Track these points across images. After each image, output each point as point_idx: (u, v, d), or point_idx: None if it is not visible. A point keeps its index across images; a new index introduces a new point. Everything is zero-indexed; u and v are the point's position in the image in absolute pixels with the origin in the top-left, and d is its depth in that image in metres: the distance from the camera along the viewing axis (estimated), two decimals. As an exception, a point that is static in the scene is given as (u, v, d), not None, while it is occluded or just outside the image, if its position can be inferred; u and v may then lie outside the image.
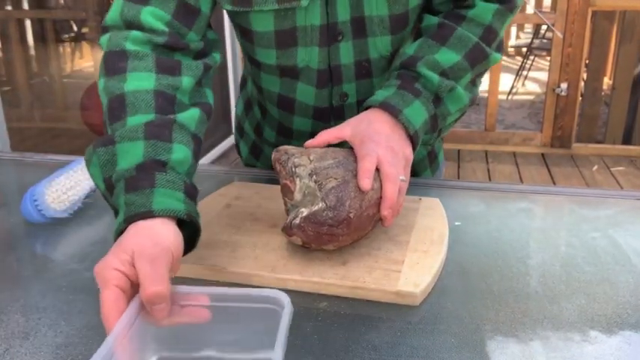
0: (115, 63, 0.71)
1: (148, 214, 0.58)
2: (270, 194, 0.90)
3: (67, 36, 4.37)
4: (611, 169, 3.83)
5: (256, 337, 0.53)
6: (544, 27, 5.55)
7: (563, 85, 3.98)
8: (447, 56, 0.82)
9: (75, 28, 4.39)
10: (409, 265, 0.70)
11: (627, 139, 4.14)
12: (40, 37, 3.92)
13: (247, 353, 0.55)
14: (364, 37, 0.84)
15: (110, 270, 0.53)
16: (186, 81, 0.73)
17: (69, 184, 0.89)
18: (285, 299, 0.53)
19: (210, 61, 0.79)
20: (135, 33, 0.73)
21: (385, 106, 0.78)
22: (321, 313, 0.64)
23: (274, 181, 0.98)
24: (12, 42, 3.61)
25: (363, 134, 0.75)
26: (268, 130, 1.03)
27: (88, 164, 0.66)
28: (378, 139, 0.74)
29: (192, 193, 0.66)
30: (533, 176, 3.74)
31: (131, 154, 0.63)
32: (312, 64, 0.86)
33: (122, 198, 0.60)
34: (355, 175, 0.71)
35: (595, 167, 3.87)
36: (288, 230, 0.71)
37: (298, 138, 0.98)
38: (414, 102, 0.79)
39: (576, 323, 0.62)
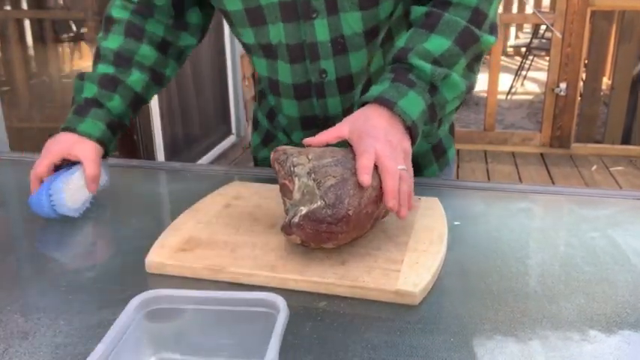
0: (105, 26, 0.99)
1: (69, 130, 0.91)
2: (269, 194, 0.90)
3: (66, 36, 4.37)
4: (610, 169, 3.83)
5: (252, 341, 0.53)
6: (543, 27, 5.56)
7: (563, 85, 3.99)
8: (437, 43, 0.81)
9: (74, 28, 4.38)
10: (408, 265, 0.70)
11: (626, 139, 4.15)
12: (39, 37, 3.92)
13: (243, 357, 0.55)
14: (336, 12, 0.86)
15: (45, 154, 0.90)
16: (144, 48, 0.97)
17: (81, 183, 0.88)
18: (281, 303, 0.53)
19: (178, 39, 1.01)
20: (118, 1, 0.99)
21: (380, 100, 0.78)
22: (321, 312, 0.64)
23: (274, 180, 0.98)
24: (11, 42, 3.61)
25: (361, 130, 0.75)
26: (281, 117, 1.05)
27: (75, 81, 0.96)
28: (376, 134, 0.74)
29: (114, 125, 0.94)
30: (532, 176, 3.74)
31: (88, 90, 0.94)
32: (282, 39, 0.89)
33: (69, 114, 0.93)
34: (354, 173, 0.71)
35: (594, 167, 3.87)
36: (287, 229, 0.71)
37: (289, 122, 1.02)
38: (408, 93, 0.79)
39: (575, 323, 0.62)
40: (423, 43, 0.81)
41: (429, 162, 1.07)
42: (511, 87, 5.74)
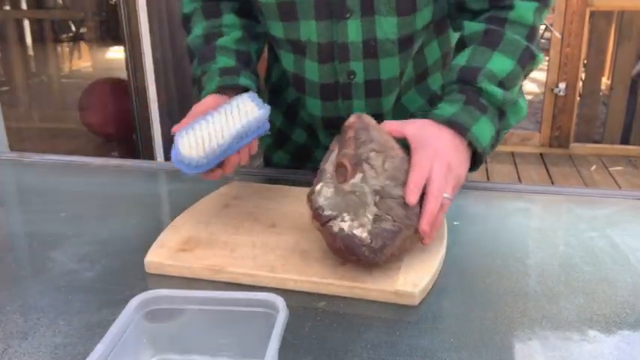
0: (185, 27, 0.99)
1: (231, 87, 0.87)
2: (268, 194, 0.90)
3: (65, 36, 4.37)
4: (610, 168, 3.83)
5: (252, 341, 0.53)
6: (542, 27, 5.55)
7: (562, 85, 3.98)
8: (501, 63, 0.81)
9: (73, 28, 4.38)
10: (408, 265, 0.70)
11: (625, 139, 4.15)
12: (39, 37, 3.92)
13: (242, 357, 0.55)
14: (372, 15, 0.85)
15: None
16: (227, 17, 0.94)
17: (211, 129, 0.75)
18: (281, 303, 0.53)
19: (252, 23, 0.96)
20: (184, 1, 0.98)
21: (453, 124, 0.76)
22: (320, 312, 0.64)
23: (273, 180, 0.98)
24: (10, 42, 3.61)
25: (426, 140, 0.73)
26: (304, 113, 1.04)
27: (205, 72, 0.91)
28: (438, 150, 0.72)
29: (245, 70, 0.90)
30: (531, 176, 3.74)
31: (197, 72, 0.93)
32: (313, 37, 0.88)
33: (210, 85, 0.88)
34: (411, 226, 0.68)
35: (593, 167, 3.87)
36: (314, 205, 0.68)
37: (311, 120, 1.00)
38: (481, 118, 0.78)
39: (575, 323, 0.62)
40: (487, 63, 0.80)
41: None
42: (510, 87, 5.73)
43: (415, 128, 0.75)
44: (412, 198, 0.68)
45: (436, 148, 0.73)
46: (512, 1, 0.84)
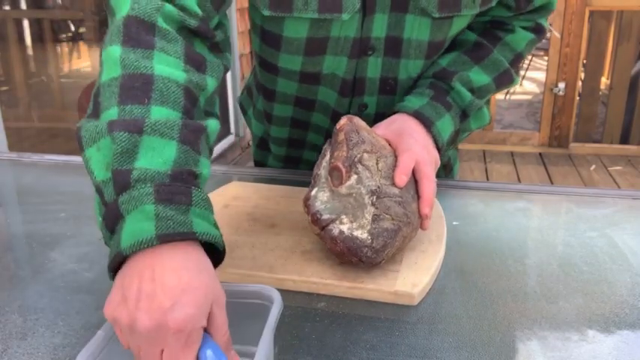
0: (140, 33, 0.59)
1: (189, 236, 0.49)
2: (268, 194, 0.90)
3: (64, 36, 4.37)
4: (609, 168, 3.84)
5: (247, 332, 0.54)
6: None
7: (561, 85, 3.99)
8: (479, 76, 0.85)
9: (72, 28, 4.38)
10: (407, 265, 0.70)
11: (625, 139, 4.15)
12: (38, 37, 3.92)
13: (238, 347, 0.55)
14: (397, 57, 0.84)
15: (199, 329, 0.46)
16: (210, 82, 0.63)
17: None
18: (276, 295, 0.53)
19: (226, 62, 0.70)
20: (169, 7, 0.62)
21: (418, 116, 0.79)
22: (320, 313, 0.64)
23: (273, 180, 0.98)
24: (10, 42, 3.61)
25: (401, 129, 0.76)
26: (276, 129, 1.02)
27: (88, 144, 0.54)
28: (416, 136, 0.75)
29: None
30: (530, 176, 3.75)
31: (159, 153, 0.52)
32: (339, 72, 0.85)
33: (150, 207, 0.49)
34: (408, 223, 0.68)
35: (593, 167, 3.87)
36: (313, 214, 0.68)
37: (315, 131, 0.99)
38: (445, 115, 0.81)
39: (574, 322, 0.62)
40: (466, 71, 0.84)
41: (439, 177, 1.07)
42: (510, 87, 5.73)
43: (386, 124, 0.78)
44: (402, 181, 0.69)
45: (413, 135, 0.75)
46: (514, 26, 0.89)
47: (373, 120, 0.91)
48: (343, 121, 0.71)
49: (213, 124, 0.60)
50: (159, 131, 0.53)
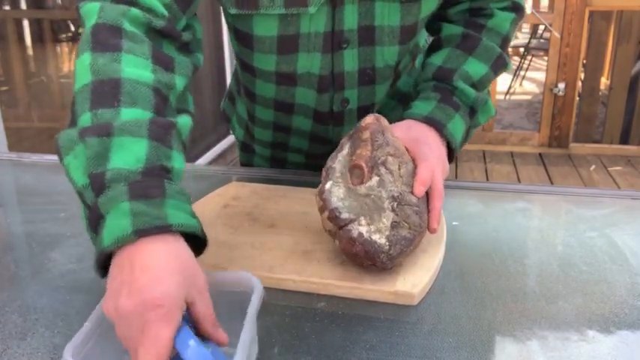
0: (107, 38, 0.61)
1: (165, 229, 0.51)
2: (267, 194, 0.90)
3: (64, 36, 4.37)
4: (609, 168, 3.84)
5: (230, 319, 0.54)
6: (541, 27, 5.56)
7: (561, 85, 3.99)
8: (476, 67, 0.85)
9: (72, 28, 4.38)
10: (407, 265, 0.70)
11: (625, 139, 4.15)
12: (38, 37, 3.92)
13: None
14: (372, 45, 0.84)
15: (177, 309, 0.47)
16: (179, 81, 0.66)
17: None
18: (256, 282, 0.54)
19: (196, 61, 0.73)
20: (134, 11, 0.64)
21: (429, 121, 0.79)
22: (319, 313, 0.64)
23: (272, 181, 0.98)
24: (9, 42, 3.61)
25: (417, 137, 0.76)
26: (259, 131, 1.02)
27: (66, 153, 0.57)
28: (432, 144, 0.76)
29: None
30: (530, 176, 3.74)
31: (130, 152, 0.55)
32: (314, 70, 0.84)
33: (125, 204, 0.52)
34: (421, 233, 0.69)
35: (592, 167, 3.87)
36: (329, 205, 0.66)
37: (298, 135, 0.98)
38: (454, 116, 0.81)
39: (574, 323, 0.62)
40: (462, 65, 0.84)
41: None
42: (510, 87, 5.74)
43: (402, 130, 0.77)
44: (420, 192, 0.69)
45: (428, 142, 0.76)
46: (492, 10, 0.88)
47: (356, 115, 0.92)
48: (370, 119, 0.70)
49: (184, 120, 0.63)
50: (128, 131, 0.55)
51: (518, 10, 0.90)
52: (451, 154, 0.82)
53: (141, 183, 0.53)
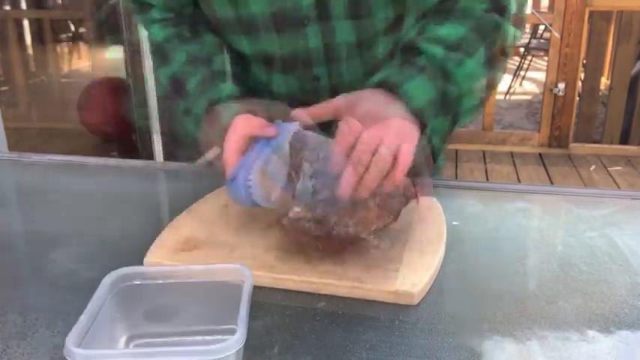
0: (161, 53, 0.92)
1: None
2: (268, 194, 0.90)
3: (64, 36, 4.37)
4: (609, 168, 3.84)
5: (221, 310, 0.56)
6: (542, 27, 5.56)
7: (561, 85, 3.99)
8: (452, 30, 0.76)
9: (72, 28, 4.38)
10: (407, 265, 0.70)
11: (625, 139, 4.15)
12: (38, 37, 3.92)
13: (213, 325, 0.58)
14: (328, 19, 0.82)
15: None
16: (207, 38, 0.90)
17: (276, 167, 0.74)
18: (247, 272, 0.56)
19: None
20: (154, 25, 0.92)
21: (384, 84, 0.73)
22: (319, 312, 0.64)
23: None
24: (10, 42, 3.61)
25: (354, 100, 0.72)
26: None
27: (187, 113, 0.88)
28: (368, 108, 0.71)
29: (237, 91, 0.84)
30: (530, 176, 3.75)
31: (199, 104, 0.84)
32: (277, 50, 0.86)
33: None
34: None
35: (592, 167, 3.87)
36: (278, 223, 0.71)
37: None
38: (415, 77, 0.73)
39: (574, 323, 0.62)
40: (435, 31, 0.76)
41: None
42: (510, 87, 5.74)
43: (343, 97, 0.74)
44: (337, 152, 0.66)
45: (365, 108, 0.70)
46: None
47: (329, 94, 0.86)
48: (294, 127, 0.72)
49: (220, 59, 0.89)
50: (193, 95, 0.87)
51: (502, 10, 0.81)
52: (423, 126, 0.73)
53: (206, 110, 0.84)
